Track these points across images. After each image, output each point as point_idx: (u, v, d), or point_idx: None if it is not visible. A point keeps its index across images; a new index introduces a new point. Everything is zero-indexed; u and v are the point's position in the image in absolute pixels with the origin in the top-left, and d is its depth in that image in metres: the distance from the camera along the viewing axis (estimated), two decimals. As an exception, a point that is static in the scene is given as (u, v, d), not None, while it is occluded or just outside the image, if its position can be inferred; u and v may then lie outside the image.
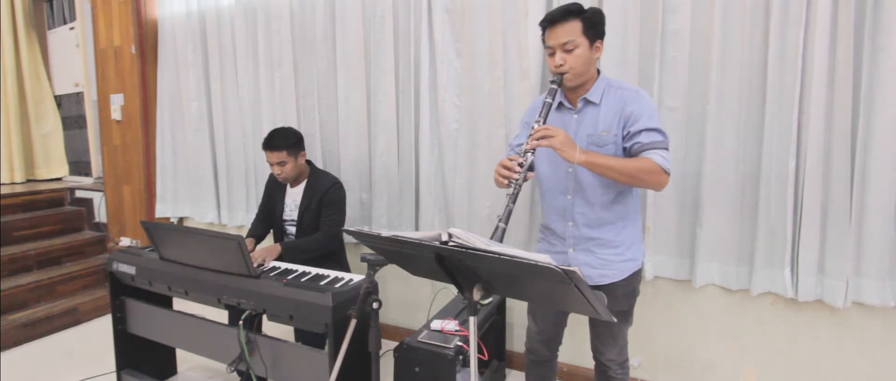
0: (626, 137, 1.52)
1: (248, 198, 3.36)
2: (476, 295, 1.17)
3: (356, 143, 2.86)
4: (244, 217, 3.39)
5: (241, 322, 1.86)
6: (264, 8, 3.06)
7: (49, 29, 4.75)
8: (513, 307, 2.54)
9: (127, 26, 3.62)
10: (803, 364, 2.04)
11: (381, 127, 2.76)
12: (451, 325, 1.95)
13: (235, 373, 1.96)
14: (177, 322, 2.18)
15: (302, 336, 2.30)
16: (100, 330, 3.14)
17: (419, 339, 1.88)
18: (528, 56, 2.31)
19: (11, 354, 2.86)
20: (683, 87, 2.09)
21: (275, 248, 2.23)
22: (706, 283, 2.14)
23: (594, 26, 1.50)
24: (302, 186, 2.49)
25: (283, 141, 2.36)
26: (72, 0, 4.48)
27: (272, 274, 1.96)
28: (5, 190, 3.95)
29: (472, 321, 1.23)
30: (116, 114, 3.80)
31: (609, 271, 1.59)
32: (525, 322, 1.82)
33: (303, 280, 1.89)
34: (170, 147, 3.67)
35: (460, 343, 1.84)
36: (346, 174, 2.90)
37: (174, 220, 3.77)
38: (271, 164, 2.39)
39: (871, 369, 1.94)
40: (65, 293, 3.40)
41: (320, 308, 1.71)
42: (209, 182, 3.51)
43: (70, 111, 4.70)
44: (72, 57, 4.55)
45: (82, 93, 4.52)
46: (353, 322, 1.55)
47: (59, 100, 4.70)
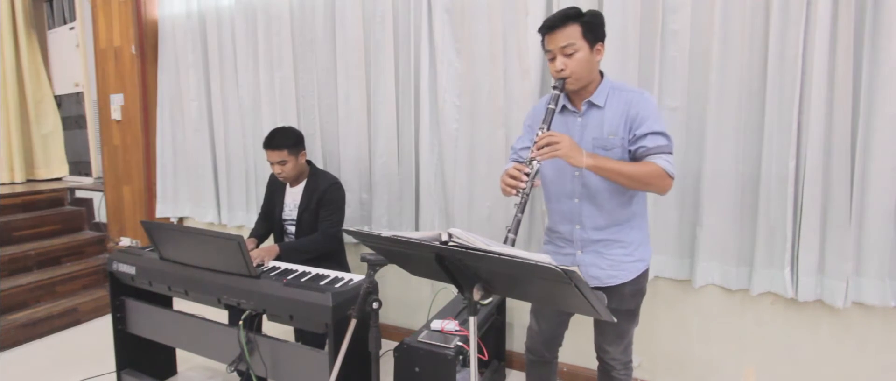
0: (631, 139, 1.51)
1: (248, 198, 3.36)
2: (476, 295, 1.17)
3: (356, 143, 2.86)
4: (244, 217, 3.40)
5: (241, 322, 1.86)
6: (264, 8, 3.06)
7: (49, 29, 4.75)
8: (513, 307, 2.54)
9: (127, 26, 3.63)
10: (803, 364, 2.04)
11: (381, 127, 2.76)
12: (451, 325, 1.95)
13: (235, 373, 1.96)
14: (177, 322, 2.18)
15: (302, 336, 2.31)
16: (100, 330, 3.14)
17: (419, 339, 1.88)
18: (528, 56, 2.31)
19: (11, 354, 2.86)
20: (683, 87, 2.09)
21: (273, 248, 2.23)
22: (706, 283, 2.14)
23: (593, 29, 1.48)
24: (302, 185, 2.50)
25: (284, 140, 2.36)
26: (72, 0, 4.48)
27: (272, 274, 1.96)
28: (5, 190, 3.95)
29: (472, 321, 1.23)
30: (116, 114, 3.81)
31: (618, 271, 1.59)
32: (525, 322, 1.82)
33: (303, 280, 1.89)
34: (170, 147, 3.68)
35: (460, 343, 1.84)
36: (346, 174, 2.90)
37: (174, 220, 3.77)
38: (272, 163, 2.39)
39: (871, 369, 1.94)
40: (65, 293, 3.40)
41: (320, 308, 1.71)
42: (209, 182, 3.51)
43: (70, 111, 4.70)
44: (72, 57, 4.55)
45: (82, 93, 4.52)
46: (353, 322, 1.55)
47: (59, 100, 4.70)
